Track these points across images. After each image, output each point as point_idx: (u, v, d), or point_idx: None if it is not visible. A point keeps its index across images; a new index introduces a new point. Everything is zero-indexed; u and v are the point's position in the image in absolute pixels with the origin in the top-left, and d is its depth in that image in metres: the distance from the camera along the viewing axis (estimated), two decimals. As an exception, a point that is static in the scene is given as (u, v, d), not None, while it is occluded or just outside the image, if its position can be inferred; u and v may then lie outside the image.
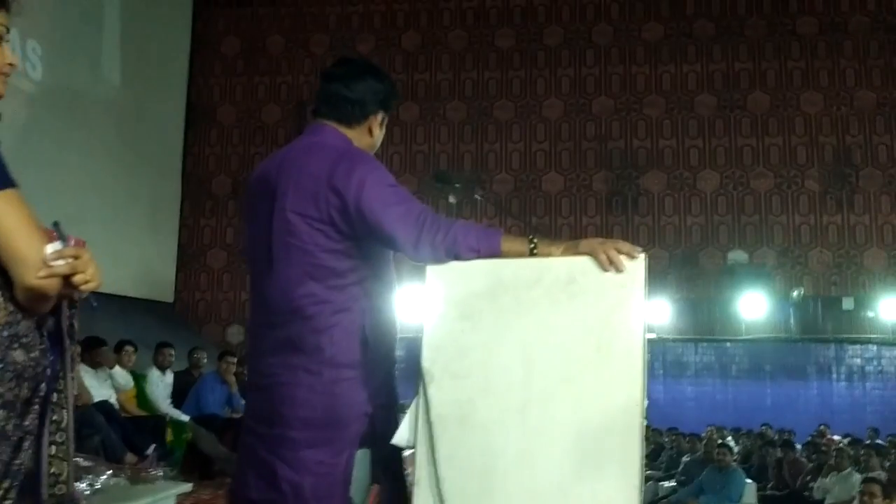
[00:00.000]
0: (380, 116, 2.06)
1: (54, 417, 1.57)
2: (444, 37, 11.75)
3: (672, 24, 11.57)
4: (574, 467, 1.78)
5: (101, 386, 6.01)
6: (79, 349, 5.71)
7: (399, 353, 2.07)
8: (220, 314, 11.35)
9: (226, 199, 11.52)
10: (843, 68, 11.27)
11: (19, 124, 7.95)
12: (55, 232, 1.43)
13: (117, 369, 6.43)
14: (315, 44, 11.54)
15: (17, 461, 1.40)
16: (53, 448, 1.56)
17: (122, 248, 9.66)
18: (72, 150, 8.80)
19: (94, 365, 6.10)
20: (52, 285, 1.35)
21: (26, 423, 1.42)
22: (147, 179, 10.58)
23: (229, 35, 11.94)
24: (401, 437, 1.86)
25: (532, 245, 1.85)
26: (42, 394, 1.47)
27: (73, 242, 1.42)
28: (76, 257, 1.36)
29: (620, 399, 1.78)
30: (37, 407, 1.45)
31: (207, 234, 11.56)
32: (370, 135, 2.05)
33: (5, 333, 1.37)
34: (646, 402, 1.79)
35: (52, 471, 1.55)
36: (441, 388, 1.83)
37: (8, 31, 1.49)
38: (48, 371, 1.49)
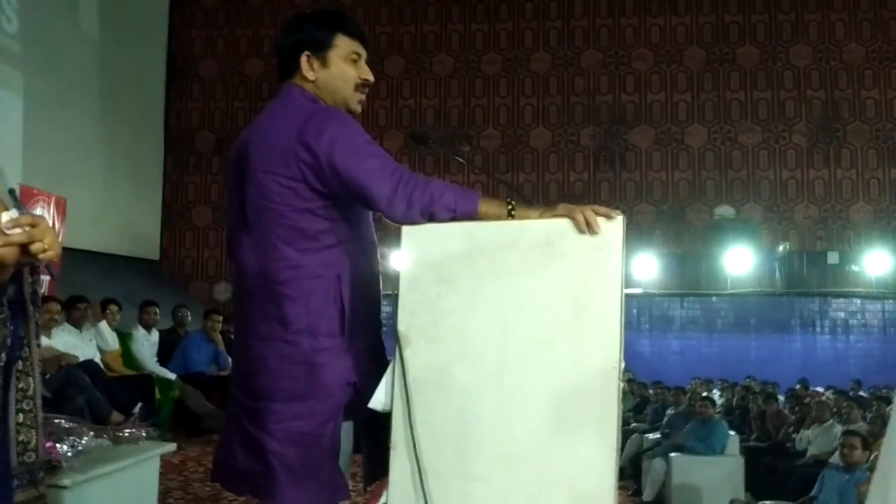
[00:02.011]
0: (303, 60, 1.94)
1: (20, 385, 1.55)
2: (430, -12, 11.53)
3: (661, -25, 11.40)
4: (551, 430, 1.77)
5: (86, 345, 5.99)
6: (58, 308, 5.69)
7: (386, 308, 2.04)
8: (207, 271, 11.32)
9: (210, 155, 11.40)
10: (833, 21, 11.16)
11: (-5, 80, 7.79)
12: (11, 199, 1.39)
13: (103, 325, 6.42)
14: (298, -5, 11.32)
15: None
16: (21, 416, 1.55)
17: (105, 206, 9.58)
18: (50, 105, 8.64)
19: (78, 323, 6.07)
20: (9, 254, 1.31)
21: None
22: (129, 136, 10.44)
23: (209, -14, 11.68)
24: (377, 400, 1.84)
25: (510, 207, 1.82)
26: (2, 363, 1.44)
27: (32, 210, 1.38)
28: (33, 226, 1.32)
29: (598, 362, 1.77)
30: None
31: (192, 191, 11.46)
32: (306, 79, 1.95)
33: None
34: (623, 365, 1.78)
35: (20, 439, 1.54)
36: (417, 352, 1.81)
37: None
38: (9, 340, 1.46)
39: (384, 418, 1.84)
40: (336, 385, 1.84)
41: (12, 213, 1.32)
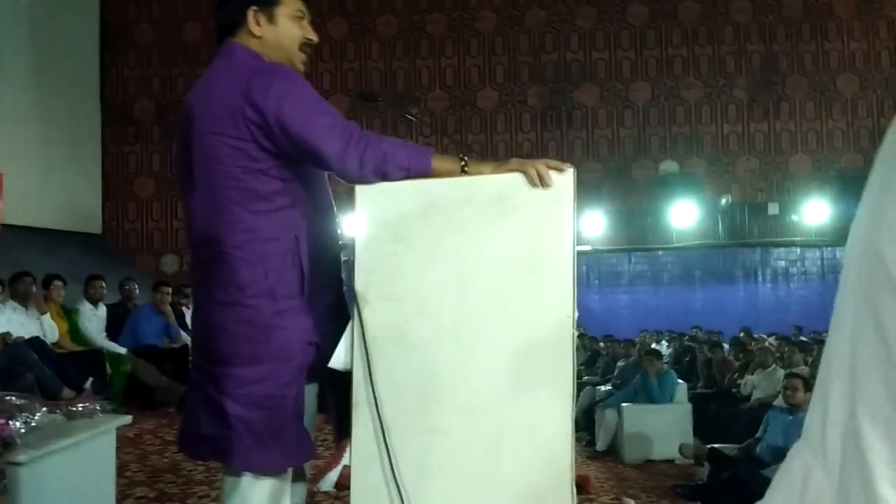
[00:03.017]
0: (251, 14, 1.91)
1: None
2: (371, -52, 11.32)
3: (602, -70, 11.38)
4: (509, 382, 1.81)
5: (32, 323, 5.86)
6: (1, 288, 5.54)
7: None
8: (153, 244, 11.10)
9: (150, 123, 11.10)
10: (772, -25, 11.32)
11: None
12: None
13: (46, 318, 6.16)
14: (235, -43, 10.98)
15: None
16: (-27, 393, 1.52)
17: (42, 180, 9.28)
18: (-22, 76, 8.30)
19: (24, 300, 5.92)
20: None
21: None
22: (64, 106, 10.09)
23: (142, -52, 11.26)
24: (337, 359, 1.86)
25: (463, 163, 1.83)
26: None
27: None
28: None
29: (552, 313, 1.81)
30: None
31: (133, 162, 11.16)
32: (254, 35, 1.92)
33: None
34: (576, 314, 1.83)
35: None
36: (375, 310, 1.83)
37: None
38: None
39: (348, 378, 1.85)
40: (297, 346, 1.84)
41: None
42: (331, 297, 1.94)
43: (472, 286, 1.82)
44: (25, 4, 9.34)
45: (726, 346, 9.15)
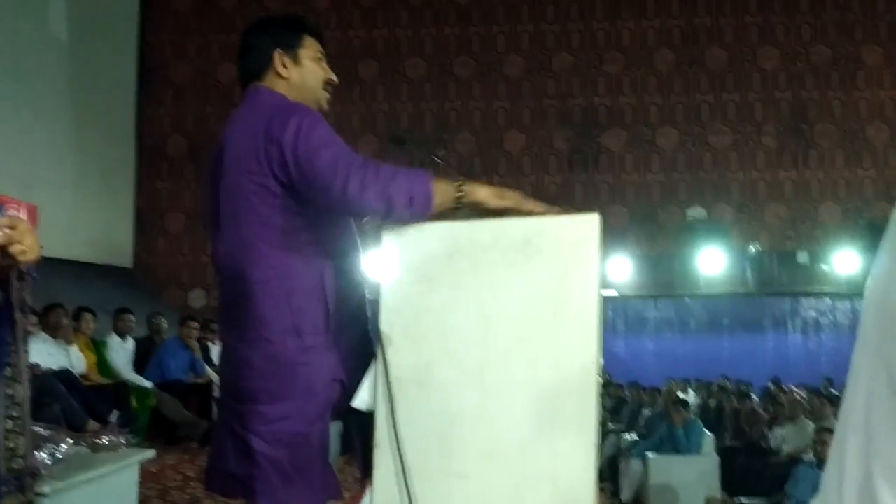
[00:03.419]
0: (276, 56, 1.98)
1: (8, 392, 1.54)
2: (403, -8, 11.56)
3: (631, -21, 11.54)
4: (532, 427, 1.80)
5: (61, 354, 5.92)
6: (34, 319, 5.62)
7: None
8: (181, 279, 11.22)
9: (182, 160, 11.31)
10: (799, 24, 11.36)
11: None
12: None
13: (74, 349, 6.24)
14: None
15: None
16: (9, 422, 1.54)
17: (76, 213, 9.47)
18: (19, 111, 8.53)
19: (54, 332, 6.00)
20: None
21: None
22: (100, 141, 10.33)
23: (181, -9, 11.61)
24: (361, 400, 1.86)
25: (459, 183, 1.86)
26: None
27: (11, 212, 1.38)
28: (12, 227, 1.32)
29: (577, 358, 1.80)
30: None
31: (165, 197, 11.36)
32: (280, 76, 1.99)
33: None
34: (601, 361, 1.82)
35: (8, 445, 1.54)
36: (399, 351, 1.83)
37: None
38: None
39: (372, 417, 1.85)
40: (322, 383, 1.85)
41: None
42: (355, 334, 1.95)
43: (496, 329, 1.82)
44: (65, 42, 9.64)
45: (755, 397, 8.97)
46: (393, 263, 1.86)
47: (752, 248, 11.08)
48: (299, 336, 1.83)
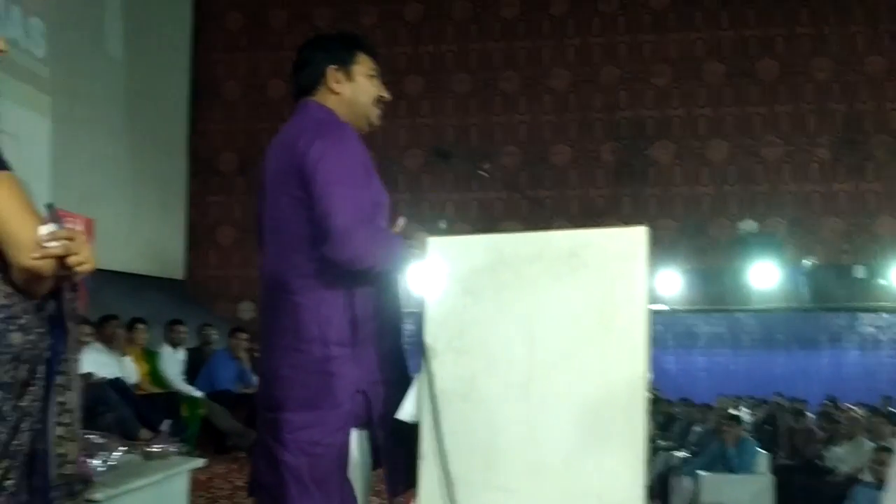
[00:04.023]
0: (330, 72, 2.02)
1: (60, 399, 1.58)
2: (448, 7, 11.63)
3: (679, -10, 11.41)
4: (579, 441, 1.78)
5: (114, 364, 6.06)
6: (89, 329, 5.77)
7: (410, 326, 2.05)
8: (231, 291, 11.39)
9: (233, 175, 11.52)
10: (853, 34, 11.09)
11: (24, 103, 7.95)
12: (49, 214, 1.43)
13: (128, 359, 6.39)
14: (318, 17, 11.45)
15: (16, 442, 1.42)
16: (60, 429, 1.58)
17: (131, 227, 9.71)
18: (77, 128, 8.80)
19: (108, 342, 6.14)
20: (46, 266, 1.35)
21: (23, 404, 1.43)
22: (154, 157, 10.59)
23: (232, 10, 11.86)
24: (405, 411, 1.86)
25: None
26: (40, 375, 1.48)
27: (69, 226, 1.42)
28: (70, 239, 1.36)
29: (624, 372, 1.78)
30: (34, 388, 1.46)
31: (216, 211, 11.57)
32: (332, 92, 2.02)
33: (1, 315, 1.38)
34: (650, 376, 1.79)
35: (59, 451, 1.57)
36: (444, 363, 1.83)
37: None
38: (46, 353, 1.50)
39: (407, 429, 1.85)
40: (346, 394, 1.86)
41: (50, 227, 1.36)
42: (387, 346, 1.95)
43: (541, 342, 1.81)
44: (121, 61, 9.93)
45: (810, 414, 8.73)
46: (437, 276, 1.87)
47: (806, 262, 10.80)
48: (325, 345, 1.85)
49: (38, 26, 8.27)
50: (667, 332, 12.97)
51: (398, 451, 1.93)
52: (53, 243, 1.34)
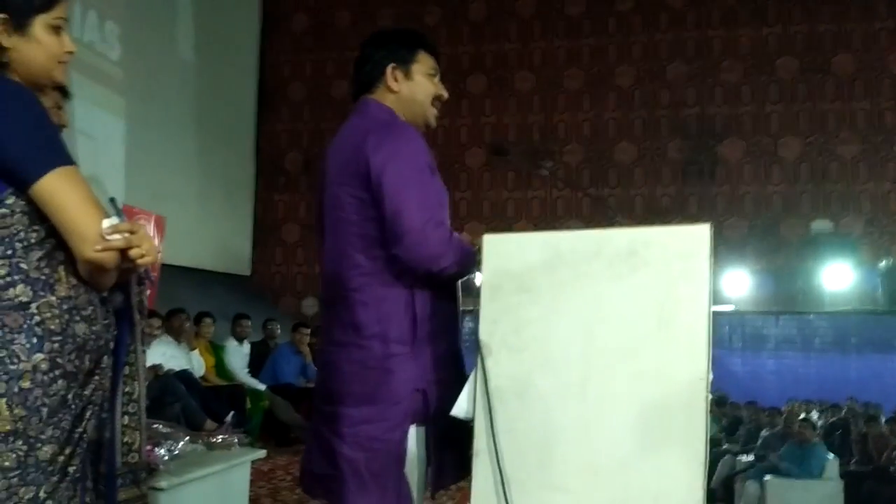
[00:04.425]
0: (389, 70, 2.02)
1: (126, 389, 1.64)
2: (512, 6, 11.57)
3: (751, -17, 11.10)
4: (636, 442, 1.75)
5: (183, 356, 6.24)
6: (158, 322, 5.96)
7: (469, 324, 2.05)
8: (296, 287, 11.61)
9: (298, 174, 11.73)
10: (935, 27, 10.61)
11: (100, 104, 8.25)
12: (112, 207, 1.48)
13: (195, 354, 6.59)
14: (382, 17, 11.54)
15: (79, 429, 1.47)
16: (126, 418, 1.63)
17: (200, 224, 9.97)
18: (150, 128, 9.09)
19: (177, 335, 6.33)
20: (109, 258, 1.40)
21: (86, 392, 1.48)
22: (223, 156, 10.87)
23: (298, 12, 12.07)
24: (459, 408, 1.86)
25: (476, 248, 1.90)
26: (105, 366, 1.53)
27: (134, 220, 1.46)
28: (132, 232, 1.40)
29: (684, 374, 1.73)
30: (97, 378, 1.51)
31: (281, 209, 11.80)
32: (391, 90, 2.02)
33: (65, 306, 1.44)
34: (710, 377, 1.74)
35: (125, 440, 1.63)
36: (499, 361, 1.82)
37: (66, 21, 1.54)
38: (111, 344, 1.55)
39: (463, 429, 1.85)
40: (405, 392, 1.87)
41: (112, 220, 1.40)
42: (444, 345, 1.96)
43: (598, 341, 1.78)
44: (192, 63, 10.21)
45: (884, 420, 8.39)
46: (492, 273, 1.86)
47: (883, 264, 10.38)
48: (385, 343, 1.86)
49: (114, 30, 8.57)
50: (734, 333, 12.65)
51: (448, 447, 1.93)
52: (116, 236, 1.39)
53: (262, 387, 6.87)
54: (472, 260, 1.89)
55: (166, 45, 9.76)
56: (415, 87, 2.04)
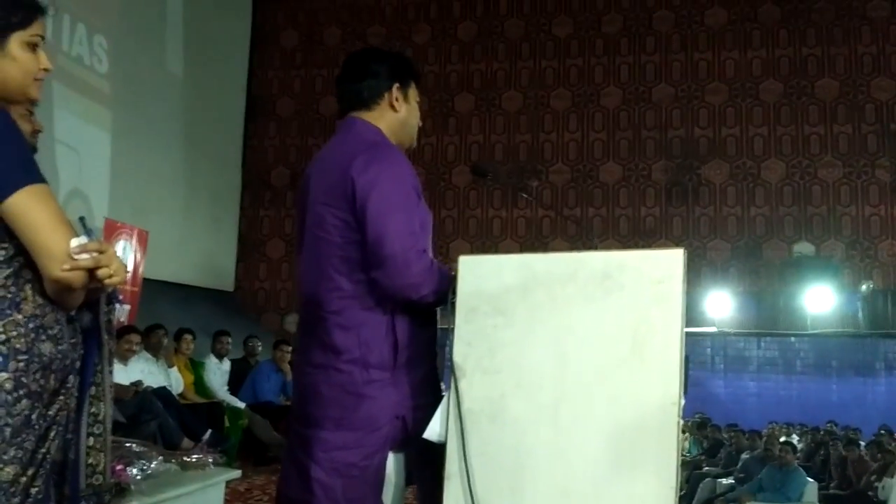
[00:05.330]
0: (395, 90, 2.01)
1: (92, 410, 1.61)
2: (501, 26, 11.66)
3: (736, 8, 11.24)
4: (608, 466, 1.74)
5: (161, 373, 6.18)
6: (137, 338, 5.89)
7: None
8: (279, 303, 11.55)
9: (284, 190, 11.70)
10: (917, 53, 10.77)
11: (86, 118, 8.22)
12: (81, 226, 1.46)
13: (174, 371, 6.50)
14: (372, 35, 11.59)
15: (43, 450, 1.44)
16: (91, 439, 1.61)
17: (184, 239, 9.92)
18: (136, 142, 9.05)
19: (154, 351, 6.27)
20: (77, 278, 1.38)
21: (51, 412, 1.45)
22: (208, 171, 10.83)
23: (288, 28, 12.10)
24: (432, 431, 1.85)
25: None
26: (70, 385, 1.51)
27: (118, 238, 1.45)
28: (101, 251, 1.39)
29: (656, 397, 1.73)
30: (62, 398, 1.48)
31: (266, 225, 11.77)
32: (393, 110, 2.01)
33: (31, 325, 1.42)
34: (683, 402, 1.74)
35: (89, 461, 1.60)
36: (472, 383, 1.81)
37: (43, 39, 1.53)
38: (77, 364, 1.53)
39: (439, 450, 1.84)
40: (385, 418, 1.85)
41: (81, 239, 1.39)
42: (424, 370, 1.94)
43: (572, 364, 1.78)
44: (180, 77, 10.20)
45: (864, 444, 8.43)
46: (468, 295, 1.85)
47: (864, 287, 10.46)
48: (366, 368, 1.84)
49: (102, 43, 8.55)
50: (716, 355, 12.69)
51: (428, 470, 1.92)
52: (84, 255, 1.37)
53: (241, 405, 6.81)
54: (451, 288, 1.87)
55: (155, 59, 9.75)
56: (411, 111, 2.06)
